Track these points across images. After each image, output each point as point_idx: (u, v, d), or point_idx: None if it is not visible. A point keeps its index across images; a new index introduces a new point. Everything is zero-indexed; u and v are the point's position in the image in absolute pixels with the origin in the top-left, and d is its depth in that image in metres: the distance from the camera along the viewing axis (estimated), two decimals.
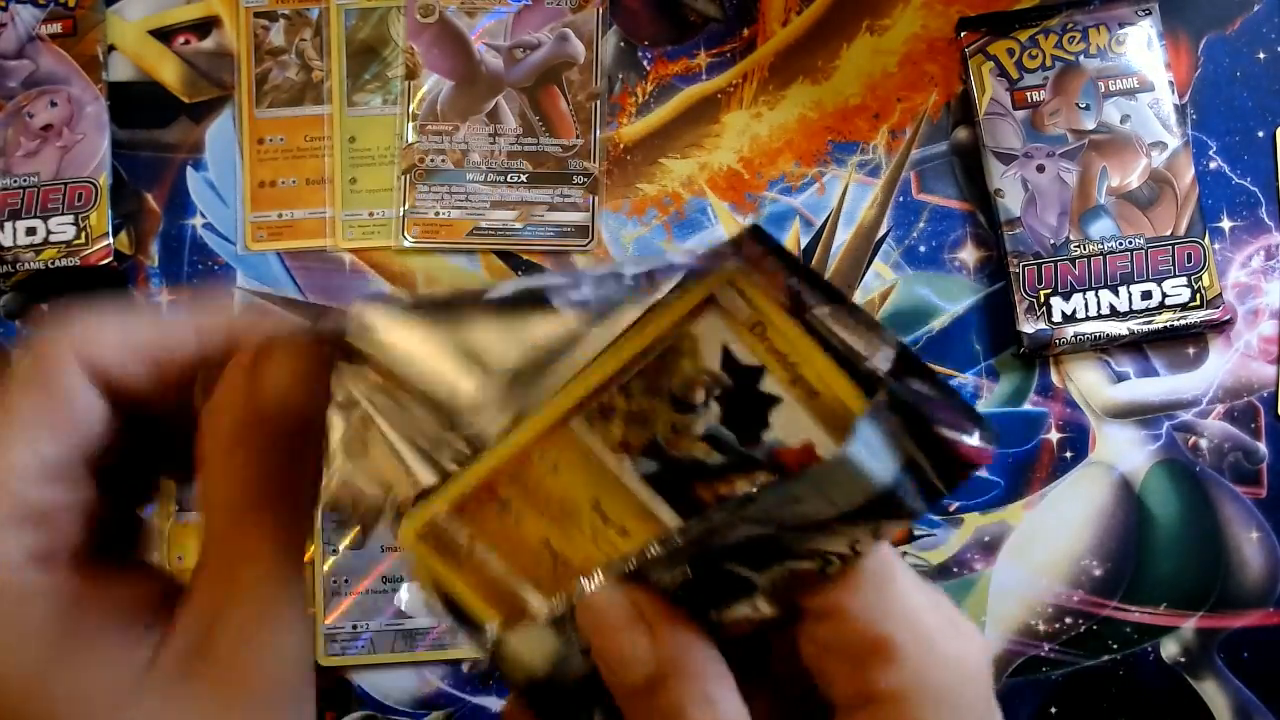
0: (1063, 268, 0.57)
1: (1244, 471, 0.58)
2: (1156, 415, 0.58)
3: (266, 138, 0.62)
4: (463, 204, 0.61)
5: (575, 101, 0.61)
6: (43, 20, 0.61)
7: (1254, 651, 0.57)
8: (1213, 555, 0.57)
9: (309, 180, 0.61)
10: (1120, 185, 0.58)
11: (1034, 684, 0.57)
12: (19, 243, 0.59)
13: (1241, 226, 0.59)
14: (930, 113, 0.61)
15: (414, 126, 0.61)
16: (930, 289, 0.60)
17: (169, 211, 0.62)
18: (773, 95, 0.62)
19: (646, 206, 0.61)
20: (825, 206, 0.61)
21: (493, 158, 0.61)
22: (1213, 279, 0.57)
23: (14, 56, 0.61)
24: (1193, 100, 0.60)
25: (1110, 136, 0.58)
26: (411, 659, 0.58)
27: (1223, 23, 0.61)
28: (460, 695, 0.58)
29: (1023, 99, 0.59)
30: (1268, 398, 0.58)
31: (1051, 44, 0.59)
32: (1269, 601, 0.57)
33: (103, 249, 0.59)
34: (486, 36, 0.62)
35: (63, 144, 0.60)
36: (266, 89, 0.62)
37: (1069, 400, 0.59)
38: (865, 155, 0.61)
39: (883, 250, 0.60)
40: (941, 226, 0.60)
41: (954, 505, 0.58)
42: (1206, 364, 0.58)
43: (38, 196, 0.59)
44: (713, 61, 0.62)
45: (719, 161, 0.61)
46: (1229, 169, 0.59)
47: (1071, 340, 0.57)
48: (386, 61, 0.62)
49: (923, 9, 0.62)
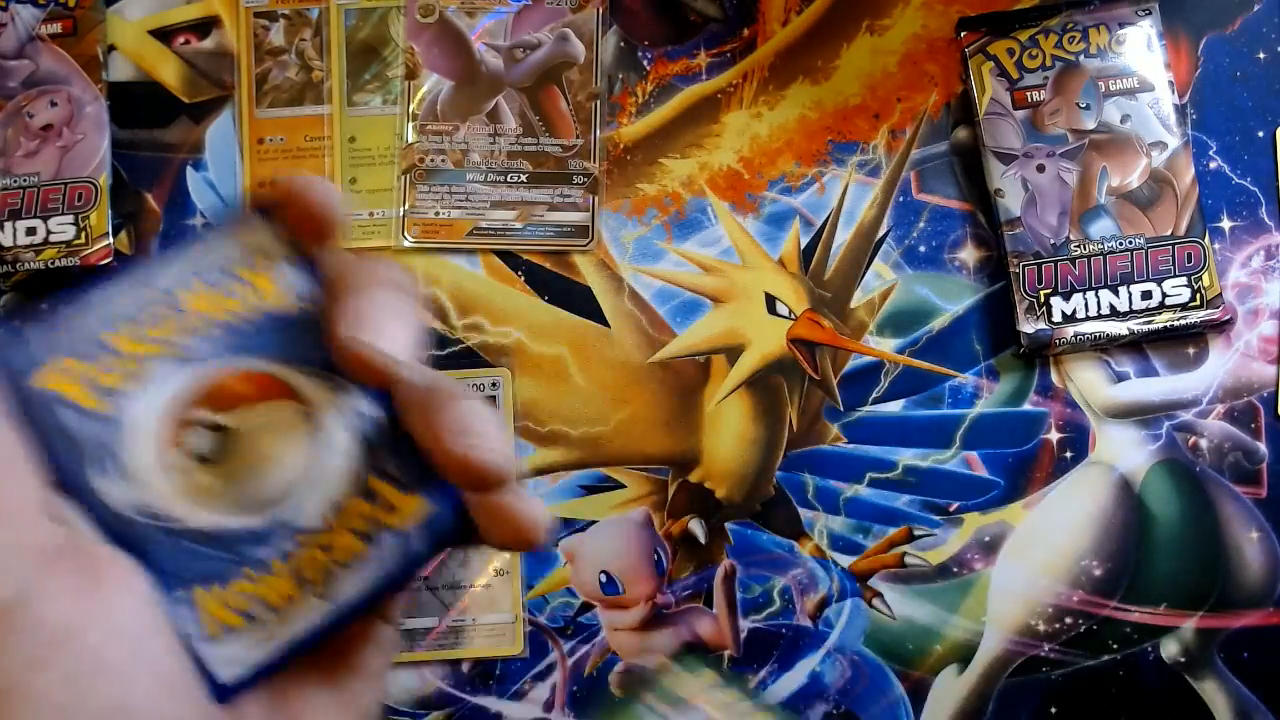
0: (1063, 268, 0.57)
1: (1244, 471, 0.58)
2: (1156, 415, 0.58)
3: (266, 138, 0.62)
4: (463, 204, 0.61)
5: (575, 101, 0.61)
6: (43, 20, 0.61)
7: (1254, 651, 0.57)
8: (1213, 555, 0.57)
9: None
10: (1120, 185, 0.58)
11: (1034, 684, 0.57)
12: (19, 243, 0.59)
13: (1241, 226, 0.59)
14: (930, 113, 0.61)
15: (414, 126, 0.61)
16: (930, 289, 0.60)
17: (169, 211, 0.62)
18: (773, 95, 0.62)
19: (646, 206, 0.61)
20: (825, 206, 0.61)
21: (493, 158, 0.61)
22: (1213, 279, 0.57)
23: (14, 56, 0.61)
24: (1193, 100, 0.60)
25: (1110, 136, 0.58)
26: (411, 659, 0.58)
27: (1223, 23, 0.61)
28: (460, 695, 0.58)
29: (1023, 99, 0.59)
30: (1268, 398, 0.58)
31: (1051, 44, 0.59)
32: (1269, 601, 0.57)
33: (103, 249, 0.59)
34: (486, 36, 0.62)
35: (63, 144, 0.60)
36: (266, 89, 0.62)
37: (1069, 400, 0.59)
38: (865, 155, 0.61)
39: (883, 250, 0.60)
40: (941, 226, 0.60)
41: (954, 505, 0.58)
42: (1206, 364, 0.58)
43: (38, 196, 0.59)
44: (713, 61, 0.62)
45: (719, 161, 0.61)
46: (1229, 169, 0.59)
47: (1071, 340, 0.57)
48: (386, 61, 0.62)
49: (923, 9, 0.62)
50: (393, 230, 0.61)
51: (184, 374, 0.24)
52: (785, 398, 0.60)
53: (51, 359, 0.23)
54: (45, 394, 0.23)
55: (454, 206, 0.61)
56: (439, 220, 0.61)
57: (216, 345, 0.24)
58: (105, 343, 0.23)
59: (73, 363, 0.23)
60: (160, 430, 0.24)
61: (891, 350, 0.60)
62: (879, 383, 0.59)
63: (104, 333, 0.24)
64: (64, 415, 0.23)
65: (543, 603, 0.59)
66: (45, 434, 0.23)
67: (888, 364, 0.59)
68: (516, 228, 0.61)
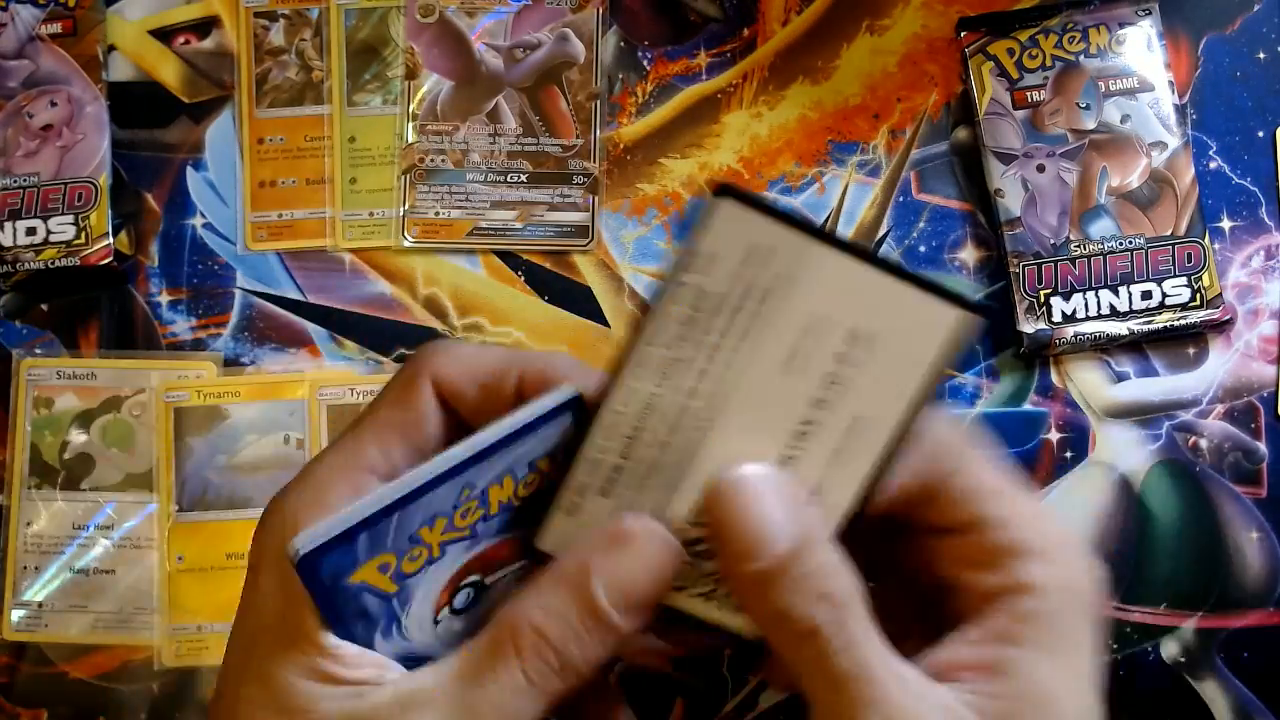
0: (1063, 268, 0.57)
1: (1244, 471, 0.58)
2: (1156, 415, 0.58)
3: (266, 138, 0.62)
4: (463, 204, 0.61)
5: (575, 101, 0.61)
6: (43, 20, 0.61)
7: (1254, 651, 0.57)
8: (1213, 555, 0.57)
9: (309, 180, 0.61)
10: (1120, 185, 0.58)
11: None
12: (19, 243, 0.59)
13: (1241, 226, 0.59)
14: (930, 113, 0.61)
15: (414, 126, 0.61)
16: None
17: (169, 211, 0.62)
18: (773, 95, 0.62)
19: (646, 206, 0.61)
20: (825, 206, 0.61)
21: (493, 158, 0.61)
22: (1213, 279, 0.57)
23: (14, 56, 0.61)
24: (1193, 100, 0.60)
25: (1110, 136, 0.58)
26: None
27: (1223, 23, 0.61)
28: None
29: (1023, 99, 0.59)
30: (1268, 398, 0.58)
31: (1051, 44, 0.59)
32: (1269, 601, 0.57)
33: (103, 249, 0.59)
34: (486, 36, 0.62)
35: (63, 144, 0.60)
36: (266, 89, 0.62)
37: (1069, 400, 0.59)
38: (865, 155, 0.61)
39: (883, 250, 0.60)
40: (941, 226, 0.60)
41: None
42: (1206, 364, 0.58)
43: (38, 196, 0.59)
44: (713, 61, 0.62)
45: (719, 161, 0.61)
46: (1229, 169, 0.59)
47: (1071, 340, 0.57)
48: (386, 61, 0.62)
49: (923, 9, 0.62)
50: (393, 230, 0.61)
51: (468, 550, 0.28)
52: None
53: (371, 558, 0.26)
54: (356, 587, 0.26)
55: (454, 206, 0.61)
56: (439, 220, 0.61)
57: (500, 524, 0.28)
58: (419, 538, 0.26)
59: (388, 557, 0.26)
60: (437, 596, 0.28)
61: None
62: None
63: (422, 529, 0.26)
64: (367, 601, 0.26)
65: None
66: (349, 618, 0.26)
67: None
68: (516, 228, 0.61)
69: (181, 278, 0.61)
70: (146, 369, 0.59)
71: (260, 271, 0.61)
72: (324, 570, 0.25)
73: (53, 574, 0.58)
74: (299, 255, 0.61)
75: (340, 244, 0.61)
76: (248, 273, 0.61)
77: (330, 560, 0.25)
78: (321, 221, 0.61)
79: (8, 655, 0.58)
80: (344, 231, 0.61)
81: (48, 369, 0.59)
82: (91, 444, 0.59)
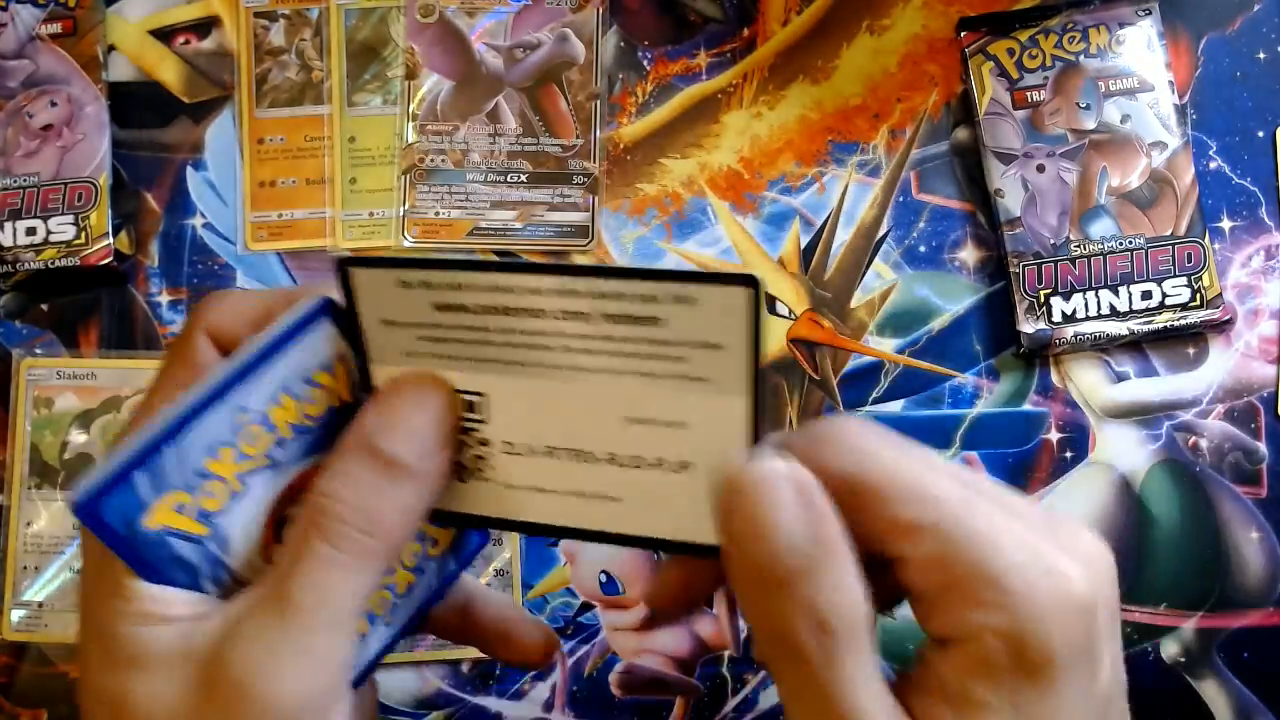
0: (1063, 268, 0.57)
1: (1244, 471, 0.58)
2: (1156, 415, 0.58)
3: (266, 138, 0.62)
4: (463, 204, 0.61)
5: (575, 101, 0.61)
6: (43, 20, 0.61)
7: (1254, 651, 0.57)
8: (1213, 555, 0.57)
9: (309, 180, 0.61)
10: (1120, 185, 0.58)
11: None
12: (19, 243, 0.59)
13: (1241, 226, 0.59)
14: (930, 113, 0.61)
15: (414, 126, 0.61)
16: (930, 289, 0.60)
17: (169, 211, 0.62)
18: (773, 95, 0.62)
19: (646, 206, 0.61)
20: (825, 206, 0.61)
21: (493, 158, 0.61)
22: (1213, 279, 0.57)
23: (14, 56, 0.61)
24: (1193, 100, 0.60)
25: (1110, 136, 0.58)
26: (411, 659, 0.58)
27: (1223, 23, 0.61)
28: (460, 695, 0.58)
29: (1023, 99, 0.59)
30: (1268, 398, 0.58)
31: (1051, 44, 0.59)
32: (1269, 601, 0.57)
33: (103, 249, 0.59)
34: (486, 36, 0.62)
35: (63, 144, 0.60)
36: (266, 89, 0.62)
37: (1069, 400, 0.59)
38: (865, 155, 0.61)
39: (883, 250, 0.60)
40: (941, 226, 0.60)
41: None
42: (1206, 364, 0.58)
43: (38, 196, 0.59)
44: (713, 61, 0.62)
45: (719, 161, 0.61)
46: (1229, 169, 0.59)
47: (1071, 340, 0.57)
48: (386, 61, 0.62)
49: (923, 9, 0.62)
50: (393, 230, 0.61)
51: (275, 481, 0.27)
52: (785, 398, 0.60)
53: (159, 498, 0.25)
54: (157, 532, 0.25)
55: (454, 206, 0.61)
56: (439, 220, 0.61)
57: (299, 448, 0.27)
58: (207, 471, 0.25)
59: (180, 495, 0.25)
60: (261, 534, 0.27)
61: (891, 350, 0.60)
62: (879, 383, 0.59)
63: (206, 460, 0.25)
64: (177, 546, 0.25)
65: (542, 603, 0.59)
66: (164, 566, 0.25)
67: (888, 364, 0.60)
68: (516, 228, 0.61)
69: (181, 278, 0.61)
70: (146, 369, 0.59)
71: (260, 271, 0.61)
72: (108, 517, 0.24)
73: (53, 574, 0.58)
74: (299, 255, 0.61)
75: (340, 244, 0.61)
76: (248, 273, 0.61)
77: (111, 505, 0.24)
78: (321, 221, 0.61)
79: (8, 655, 0.58)
80: (344, 231, 0.61)
81: (48, 369, 0.59)
82: (91, 444, 0.59)
